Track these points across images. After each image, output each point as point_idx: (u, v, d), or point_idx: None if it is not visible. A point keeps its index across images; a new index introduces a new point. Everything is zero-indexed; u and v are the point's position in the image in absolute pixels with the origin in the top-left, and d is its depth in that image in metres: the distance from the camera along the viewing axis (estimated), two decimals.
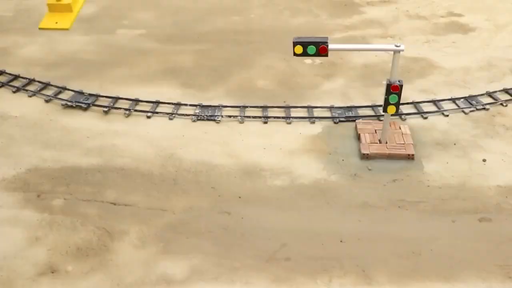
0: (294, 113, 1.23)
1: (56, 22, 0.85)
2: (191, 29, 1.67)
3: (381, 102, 1.11)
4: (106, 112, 1.24)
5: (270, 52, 1.52)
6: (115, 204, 0.94)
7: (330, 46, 0.97)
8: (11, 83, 1.39)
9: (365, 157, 1.07)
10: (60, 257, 0.84)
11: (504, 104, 1.41)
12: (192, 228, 0.88)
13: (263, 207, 0.94)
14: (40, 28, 0.85)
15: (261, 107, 1.26)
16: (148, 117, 1.31)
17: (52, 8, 0.85)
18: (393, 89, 1.23)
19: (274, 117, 1.23)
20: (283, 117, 1.23)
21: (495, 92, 1.61)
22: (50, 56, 1.53)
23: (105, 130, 1.18)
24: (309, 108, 1.25)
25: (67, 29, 0.84)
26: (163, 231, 0.87)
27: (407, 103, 1.34)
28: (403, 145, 1.09)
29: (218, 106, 1.25)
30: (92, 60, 1.51)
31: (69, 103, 1.27)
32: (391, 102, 1.21)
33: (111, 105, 1.26)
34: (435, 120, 1.23)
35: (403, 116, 1.33)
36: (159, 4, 1.85)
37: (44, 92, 1.34)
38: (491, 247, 0.84)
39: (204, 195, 0.97)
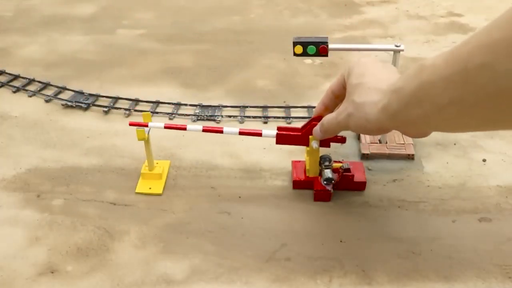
0: (294, 113, 1.24)
1: (150, 188, 0.95)
2: (191, 29, 1.67)
3: None
4: (106, 112, 1.24)
5: (270, 52, 1.52)
6: (115, 204, 0.94)
7: (330, 46, 0.97)
8: (11, 83, 1.39)
9: (365, 157, 1.07)
10: (60, 257, 0.84)
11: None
12: (192, 228, 0.88)
13: (263, 207, 0.94)
14: (136, 192, 0.96)
15: (261, 107, 1.26)
16: None
17: (145, 176, 0.95)
18: None
19: (274, 117, 1.23)
20: (283, 117, 1.23)
21: None
22: (50, 56, 1.53)
23: (105, 130, 1.18)
24: (309, 108, 1.26)
25: (160, 194, 0.94)
26: (163, 231, 0.88)
27: None
28: (403, 145, 1.09)
29: (218, 106, 1.25)
30: (92, 60, 1.51)
31: (69, 103, 1.27)
32: None
33: (111, 105, 1.26)
34: None
35: None
36: (159, 4, 1.84)
37: (44, 92, 1.34)
38: (491, 247, 0.84)
39: (204, 195, 0.97)
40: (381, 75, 0.57)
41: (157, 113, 1.27)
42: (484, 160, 1.05)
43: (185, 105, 1.28)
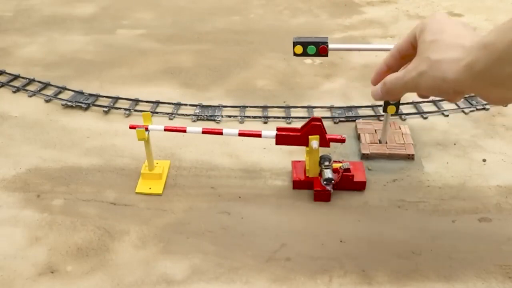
0: (294, 113, 1.23)
1: (150, 188, 0.96)
2: (191, 29, 1.67)
3: (381, 102, 1.11)
4: (106, 112, 1.24)
5: (270, 52, 1.52)
6: (115, 204, 0.94)
7: (330, 46, 0.97)
8: (11, 83, 1.39)
9: (365, 157, 1.07)
10: (60, 257, 0.84)
11: (504, 104, 1.42)
12: (192, 228, 0.88)
13: (263, 207, 0.94)
14: (136, 192, 0.96)
15: (261, 107, 1.26)
16: None
17: (145, 176, 0.96)
18: None
19: (274, 117, 1.23)
20: (283, 117, 1.23)
21: None
22: (50, 56, 1.53)
23: (105, 130, 1.18)
24: (309, 108, 1.25)
25: (160, 194, 0.94)
26: (163, 231, 0.88)
27: (407, 103, 1.34)
28: (403, 145, 1.09)
29: (218, 106, 1.25)
30: (92, 60, 1.51)
31: (69, 103, 1.27)
32: (391, 102, 1.22)
33: (111, 105, 1.26)
34: (435, 120, 1.23)
35: (403, 116, 1.33)
36: (159, 4, 1.84)
37: (44, 92, 1.34)
38: (491, 247, 0.84)
39: (204, 195, 0.97)
40: (461, 32, 0.50)
41: (157, 113, 1.27)
42: (484, 160, 1.05)
43: (185, 105, 1.28)
